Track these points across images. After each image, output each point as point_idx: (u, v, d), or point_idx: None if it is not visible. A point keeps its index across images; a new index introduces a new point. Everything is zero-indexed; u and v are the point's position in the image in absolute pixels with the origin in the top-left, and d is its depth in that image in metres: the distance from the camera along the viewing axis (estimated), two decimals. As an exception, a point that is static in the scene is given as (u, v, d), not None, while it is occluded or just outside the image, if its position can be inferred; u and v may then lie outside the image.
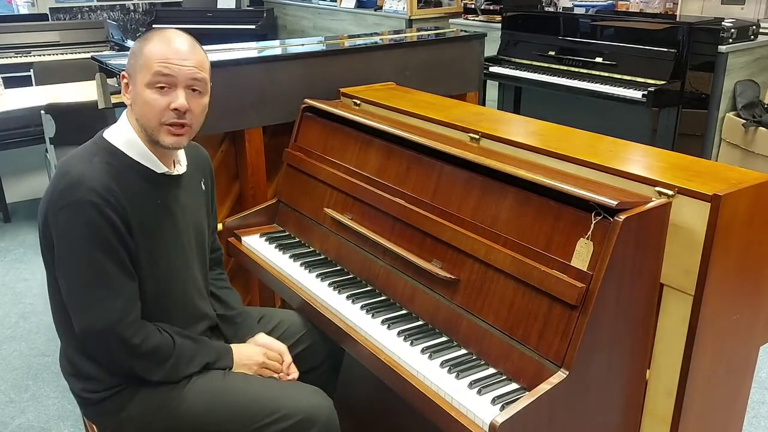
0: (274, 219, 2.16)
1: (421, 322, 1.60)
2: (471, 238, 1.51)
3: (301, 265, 1.89)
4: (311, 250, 1.98)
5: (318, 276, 1.83)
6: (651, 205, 1.32)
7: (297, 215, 2.08)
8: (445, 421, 1.33)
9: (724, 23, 3.87)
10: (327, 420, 1.54)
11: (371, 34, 3.98)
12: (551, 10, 5.02)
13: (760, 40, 3.98)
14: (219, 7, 7.63)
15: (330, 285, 1.78)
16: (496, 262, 1.44)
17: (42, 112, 3.53)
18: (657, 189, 1.38)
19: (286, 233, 2.09)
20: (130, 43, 5.34)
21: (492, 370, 1.42)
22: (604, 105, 3.93)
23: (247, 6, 7.86)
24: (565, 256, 1.34)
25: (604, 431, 1.44)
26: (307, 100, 2.13)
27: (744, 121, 3.84)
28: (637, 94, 3.67)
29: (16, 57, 5.23)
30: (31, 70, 4.59)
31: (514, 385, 1.37)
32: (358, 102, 2.18)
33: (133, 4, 7.37)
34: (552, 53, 4.26)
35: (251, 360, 1.61)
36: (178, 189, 1.55)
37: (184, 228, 1.56)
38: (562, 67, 4.17)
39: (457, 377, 1.39)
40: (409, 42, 2.65)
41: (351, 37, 3.42)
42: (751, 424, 2.37)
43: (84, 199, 1.35)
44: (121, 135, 1.47)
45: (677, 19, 4.13)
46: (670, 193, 1.36)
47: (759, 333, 1.57)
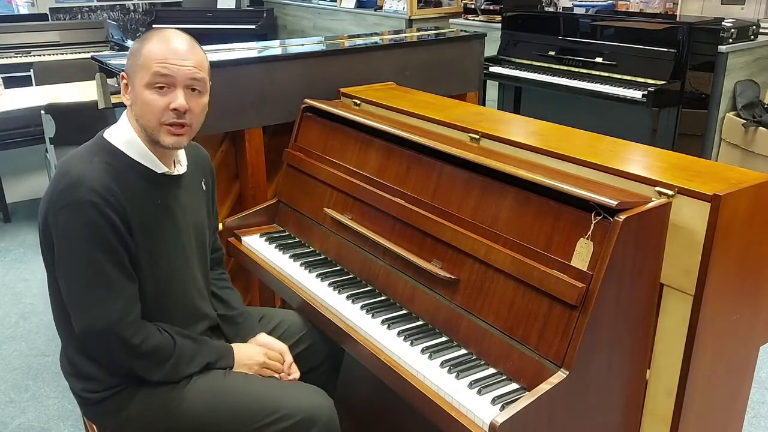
0: (274, 219, 2.16)
1: (421, 322, 1.60)
2: (471, 238, 1.51)
3: (301, 265, 1.89)
4: (311, 250, 1.98)
5: (318, 276, 1.83)
6: (651, 205, 1.32)
7: (297, 215, 2.08)
8: (445, 421, 1.33)
9: (724, 23, 3.87)
10: (327, 420, 1.54)
11: (371, 34, 3.98)
12: (551, 10, 5.02)
13: (760, 40, 3.98)
14: (219, 7, 7.63)
15: (330, 285, 1.78)
16: (496, 262, 1.44)
17: (42, 112, 3.53)
18: (657, 189, 1.38)
19: (286, 233, 2.09)
20: (130, 43, 5.33)
21: (492, 370, 1.42)
22: (604, 105, 3.93)
23: (247, 6, 7.86)
24: (565, 256, 1.34)
25: (604, 431, 1.44)
26: (307, 100, 2.13)
27: (744, 121, 3.84)
28: (637, 94, 3.67)
29: (16, 57, 5.23)
30: (31, 70, 4.59)
31: (514, 385, 1.37)
32: (358, 102, 2.18)
33: (133, 4, 7.37)
34: (552, 53, 4.25)
35: (252, 360, 1.61)
36: (178, 189, 1.55)
37: (184, 228, 1.56)
38: (562, 67, 4.17)
39: (457, 377, 1.39)
40: (409, 42, 2.65)
41: (351, 37, 3.42)
42: (751, 424, 2.37)
43: (84, 199, 1.35)
44: (122, 135, 1.47)
45: (677, 19, 4.13)
46: (670, 193, 1.36)
47: (759, 333, 1.57)
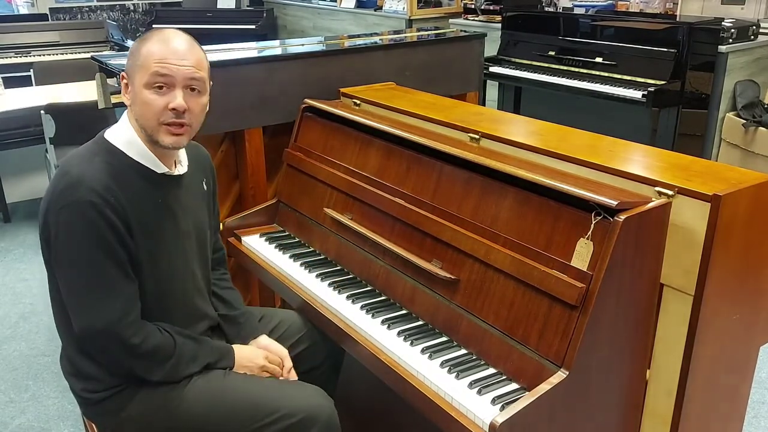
0: (274, 219, 2.16)
1: (421, 322, 1.60)
2: (471, 238, 1.51)
3: (301, 265, 1.89)
4: (311, 250, 1.98)
5: (318, 276, 1.83)
6: (651, 205, 1.32)
7: (297, 215, 2.08)
8: (445, 421, 1.33)
9: (724, 23, 3.87)
10: (327, 420, 1.54)
11: (371, 34, 3.98)
12: (551, 10, 5.02)
13: (760, 40, 3.98)
14: (219, 7, 7.63)
15: (330, 285, 1.78)
16: (496, 262, 1.44)
17: (42, 112, 3.53)
18: (657, 189, 1.38)
19: (286, 233, 2.09)
20: (130, 43, 5.33)
21: (492, 370, 1.42)
22: (604, 105, 3.92)
23: (247, 6, 7.86)
24: (565, 256, 1.34)
25: (604, 431, 1.44)
26: (307, 100, 2.13)
27: (744, 121, 3.84)
28: (637, 94, 3.67)
29: (16, 57, 5.23)
30: (31, 70, 4.59)
31: (514, 385, 1.37)
32: (358, 102, 2.18)
33: (133, 4, 7.37)
34: (552, 53, 4.25)
35: (252, 362, 1.61)
36: (178, 189, 1.55)
37: (184, 228, 1.56)
38: (562, 67, 4.17)
39: (457, 377, 1.39)
40: (409, 42, 2.65)
41: (351, 37, 3.42)
42: (751, 424, 2.37)
43: (84, 199, 1.35)
44: (122, 135, 1.47)
45: (677, 19, 4.13)
46: (670, 193, 1.36)
47: (759, 333, 1.57)
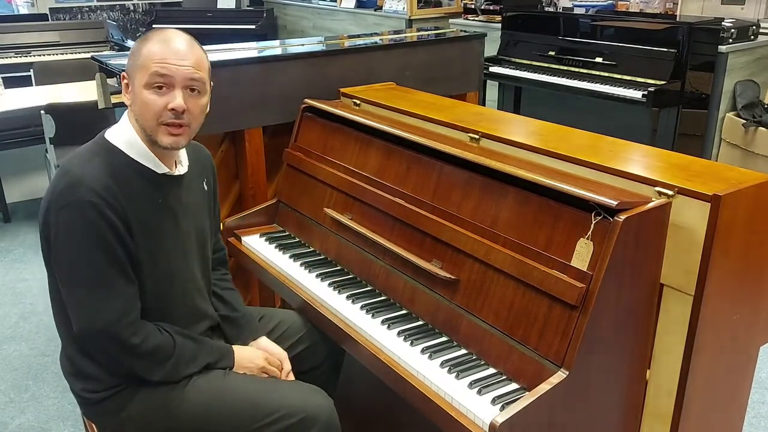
0: (274, 219, 2.16)
1: (421, 322, 1.60)
2: (471, 238, 1.51)
3: (301, 265, 1.89)
4: (311, 250, 1.98)
5: (318, 276, 1.83)
6: (651, 205, 1.32)
7: (297, 215, 2.08)
8: (445, 421, 1.33)
9: (724, 23, 3.87)
10: (327, 419, 1.54)
11: (371, 34, 3.98)
12: (551, 10, 5.03)
13: (760, 40, 3.99)
14: (219, 7, 7.63)
15: (330, 285, 1.78)
16: (496, 262, 1.44)
17: (42, 112, 3.53)
18: (657, 189, 1.38)
19: (286, 233, 2.09)
20: (130, 43, 5.34)
21: (492, 370, 1.42)
22: (604, 105, 3.93)
23: (247, 6, 7.87)
24: (565, 256, 1.34)
25: (604, 431, 1.44)
26: (307, 100, 2.13)
27: (744, 121, 3.84)
28: (637, 94, 3.67)
29: (16, 57, 5.23)
30: (31, 70, 4.59)
31: (514, 385, 1.37)
32: (358, 102, 2.18)
33: (133, 4, 7.37)
34: (552, 53, 4.26)
35: (252, 363, 1.61)
36: (179, 189, 1.55)
37: (185, 228, 1.56)
38: (562, 67, 4.17)
39: (457, 377, 1.39)
40: (409, 42, 2.65)
41: (351, 37, 3.42)
42: (751, 424, 2.37)
43: (84, 199, 1.35)
44: (122, 135, 1.47)
45: (677, 19, 4.13)
46: (670, 193, 1.36)
47: (759, 333, 1.57)
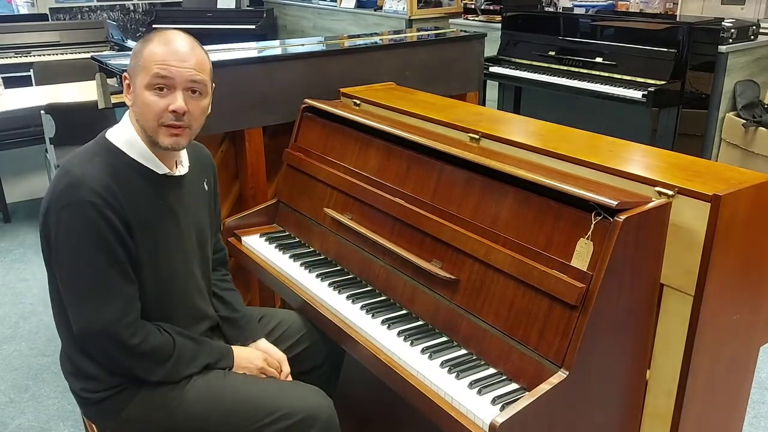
0: (274, 219, 2.16)
1: (421, 322, 1.60)
2: (471, 238, 1.51)
3: (301, 265, 1.89)
4: (311, 250, 1.98)
5: (318, 276, 1.83)
6: (651, 205, 1.32)
7: (297, 215, 2.08)
8: (445, 421, 1.33)
9: (724, 23, 3.87)
10: (327, 419, 1.54)
11: (371, 34, 3.98)
12: (551, 10, 5.03)
13: (760, 40, 3.99)
14: (219, 7, 7.63)
15: (330, 285, 1.78)
16: (496, 262, 1.44)
17: (42, 112, 3.53)
18: (657, 189, 1.38)
19: (286, 233, 2.09)
20: (130, 43, 5.34)
21: (492, 370, 1.42)
22: (604, 105, 3.92)
23: (247, 6, 7.86)
24: (565, 256, 1.34)
25: (604, 431, 1.44)
26: (307, 100, 2.13)
27: (744, 121, 3.84)
28: (637, 94, 3.67)
29: (16, 57, 5.23)
30: (31, 70, 4.59)
31: (514, 385, 1.37)
32: (358, 102, 2.18)
33: (133, 4, 7.37)
34: (552, 53, 4.25)
35: (252, 363, 1.61)
36: (179, 189, 1.55)
37: (185, 228, 1.56)
38: (562, 67, 4.17)
39: (457, 377, 1.39)
40: (409, 42, 2.65)
41: (351, 37, 3.42)
42: (751, 424, 2.37)
43: (84, 199, 1.35)
44: (123, 135, 1.47)
45: (677, 19, 4.13)
46: (670, 193, 1.36)
47: (759, 333, 1.57)
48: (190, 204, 1.58)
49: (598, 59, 4.00)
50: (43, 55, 5.27)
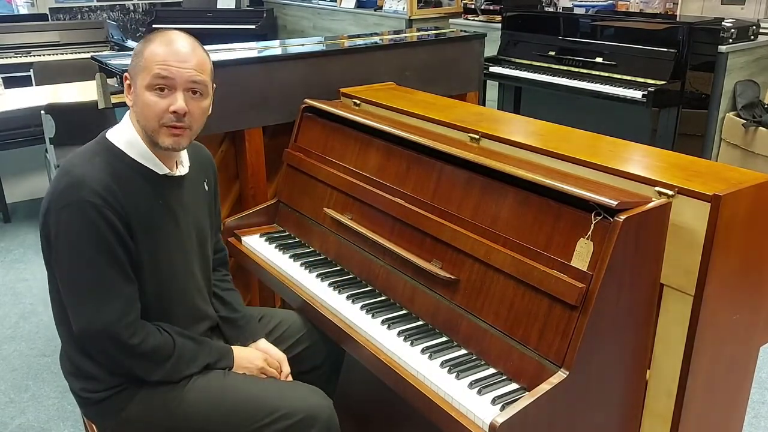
0: (274, 219, 2.16)
1: (421, 322, 1.60)
2: (471, 238, 1.51)
3: (301, 265, 1.89)
4: (311, 250, 1.98)
5: (318, 276, 1.83)
6: (651, 205, 1.32)
7: (297, 215, 2.08)
8: (445, 421, 1.33)
9: (724, 23, 3.87)
10: (327, 420, 1.54)
11: (371, 34, 3.98)
12: (551, 10, 5.03)
13: (760, 40, 3.99)
14: (219, 7, 7.63)
15: (330, 285, 1.78)
16: (496, 262, 1.44)
17: (42, 112, 3.53)
18: (657, 189, 1.38)
19: (286, 233, 2.09)
20: (130, 43, 5.34)
21: (492, 370, 1.42)
22: (604, 105, 3.93)
23: (247, 6, 7.86)
24: (565, 256, 1.34)
25: (604, 431, 1.44)
26: (307, 100, 2.13)
27: (744, 121, 3.84)
28: (637, 94, 3.67)
29: (16, 57, 5.23)
30: (31, 70, 4.59)
31: (514, 385, 1.37)
32: (358, 102, 2.18)
33: (133, 4, 7.37)
34: (552, 53, 4.26)
35: (252, 364, 1.61)
36: (180, 190, 1.55)
37: (185, 229, 1.56)
38: (562, 67, 4.17)
39: (457, 377, 1.39)
40: (409, 42, 2.65)
41: (351, 37, 3.42)
42: (751, 424, 2.37)
43: (84, 199, 1.35)
44: (124, 135, 1.47)
45: (677, 19, 4.13)
46: (670, 193, 1.36)
47: (759, 333, 1.57)
48: (190, 204, 1.58)
49: (598, 59, 4.00)
50: (43, 55, 5.27)
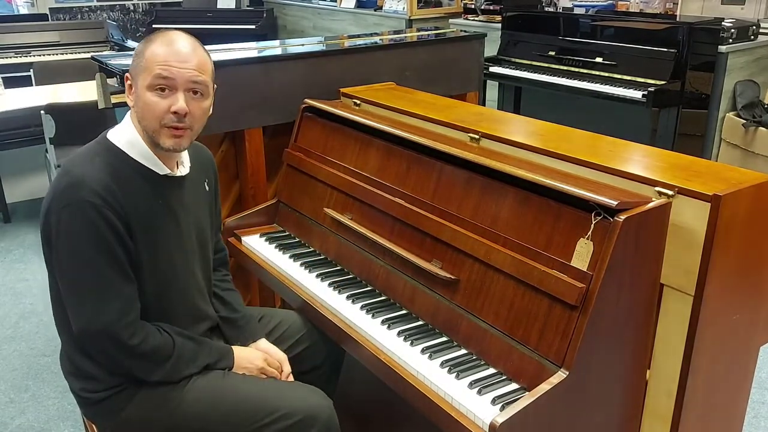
0: (274, 219, 2.16)
1: (421, 322, 1.60)
2: (471, 238, 1.51)
3: (301, 265, 1.89)
4: (311, 250, 1.98)
5: (318, 276, 1.83)
6: (651, 205, 1.32)
7: (297, 215, 2.08)
8: (445, 421, 1.33)
9: (724, 23, 3.87)
10: (327, 420, 1.54)
11: (371, 34, 3.98)
12: (551, 10, 5.03)
13: (760, 40, 3.99)
14: (219, 7, 7.63)
15: (330, 285, 1.78)
16: (496, 262, 1.44)
17: (42, 112, 3.53)
18: (657, 189, 1.38)
19: (286, 233, 2.09)
20: (130, 43, 5.34)
21: (492, 370, 1.42)
22: (604, 105, 3.93)
23: (247, 6, 7.87)
24: (565, 256, 1.34)
25: (604, 431, 1.44)
26: (307, 100, 2.13)
27: (744, 121, 3.84)
28: (637, 94, 3.67)
29: (16, 57, 5.23)
30: (31, 70, 4.59)
31: (514, 385, 1.37)
32: (358, 102, 2.18)
33: (133, 4, 7.37)
34: (552, 53, 4.26)
35: (252, 364, 1.61)
36: (180, 190, 1.55)
37: (185, 229, 1.56)
38: (562, 67, 4.17)
39: (457, 377, 1.39)
40: (409, 42, 2.65)
41: (351, 37, 3.42)
42: (751, 424, 2.37)
43: (84, 199, 1.35)
44: (124, 135, 1.47)
45: (677, 19, 4.13)
46: (670, 193, 1.36)
47: (759, 333, 1.57)
48: (190, 204, 1.58)
49: (598, 59, 4.00)
50: (43, 55, 5.27)
